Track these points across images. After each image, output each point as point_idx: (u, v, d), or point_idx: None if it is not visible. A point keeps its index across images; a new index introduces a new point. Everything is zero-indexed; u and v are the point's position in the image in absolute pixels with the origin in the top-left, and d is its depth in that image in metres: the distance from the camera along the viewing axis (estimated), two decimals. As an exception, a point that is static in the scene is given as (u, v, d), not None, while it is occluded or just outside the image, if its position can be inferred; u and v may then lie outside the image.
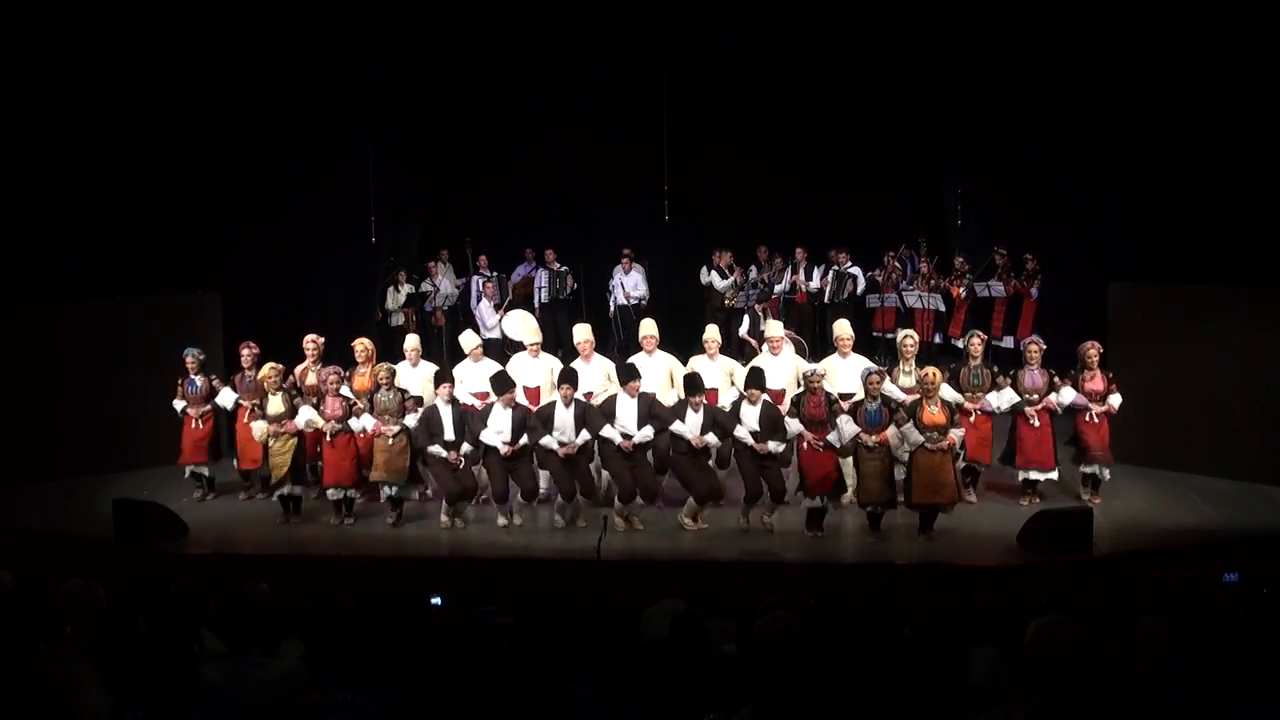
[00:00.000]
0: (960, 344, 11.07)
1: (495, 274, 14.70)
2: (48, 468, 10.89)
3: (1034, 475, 9.62)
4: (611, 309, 14.46)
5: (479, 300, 14.23)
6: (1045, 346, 9.76)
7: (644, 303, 14.23)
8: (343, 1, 12.32)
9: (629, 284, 14.48)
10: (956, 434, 8.85)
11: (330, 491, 9.56)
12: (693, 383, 9.26)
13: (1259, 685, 3.97)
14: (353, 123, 13.17)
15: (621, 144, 14.11)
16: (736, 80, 13.98)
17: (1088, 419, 9.45)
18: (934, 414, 8.74)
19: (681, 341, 11.21)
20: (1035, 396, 9.49)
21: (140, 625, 4.87)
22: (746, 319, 13.18)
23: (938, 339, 13.56)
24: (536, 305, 14.24)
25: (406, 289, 14.50)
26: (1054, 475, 9.64)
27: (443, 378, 9.60)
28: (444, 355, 13.71)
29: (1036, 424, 9.47)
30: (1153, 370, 10.61)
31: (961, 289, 13.38)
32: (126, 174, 11.53)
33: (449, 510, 9.45)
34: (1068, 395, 9.43)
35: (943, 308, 13.39)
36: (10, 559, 7.42)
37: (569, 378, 9.34)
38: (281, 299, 12.85)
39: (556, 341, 13.31)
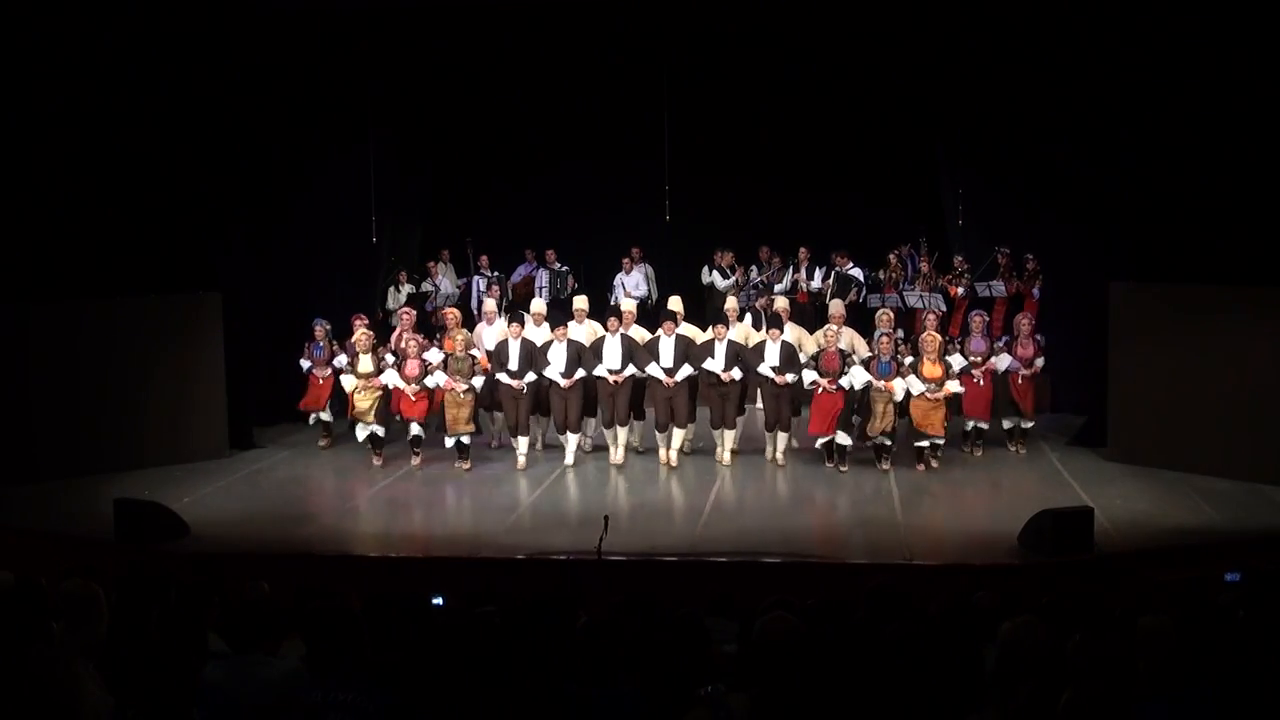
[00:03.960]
0: (957, 343, 11.70)
1: (495, 274, 14.69)
2: (48, 468, 10.89)
3: (974, 424, 11.43)
4: (612, 309, 14.47)
5: (481, 304, 14.20)
6: (986, 318, 11.81)
7: (648, 302, 14.24)
8: (344, 2, 12.31)
9: (629, 284, 14.48)
10: (952, 386, 10.83)
11: (413, 426, 11.36)
12: (716, 314, 11.43)
13: (1259, 685, 3.97)
14: (354, 123, 13.15)
15: (622, 144, 14.11)
16: (737, 80, 13.97)
17: (1019, 381, 11.24)
18: (932, 370, 10.79)
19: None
20: (979, 359, 11.29)
21: (143, 626, 4.86)
22: (749, 319, 13.18)
23: (937, 338, 13.56)
24: (537, 305, 14.25)
25: (407, 289, 14.49)
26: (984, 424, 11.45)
27: (513, 319, 11.33)
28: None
29: (981, 384, 11.21)
30: (1153, 370, 10.62)
31: (960, 289, 13.39)
32: (127, 173, 11.52)
33: (522, 450, 11.31)
34: (1003, 361, 11.27)
35: (944, 307, 13.39)
36: (10, 559, 7.41)
37: (614, 313, 11.42)
38: (282, 299, 12.85)
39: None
